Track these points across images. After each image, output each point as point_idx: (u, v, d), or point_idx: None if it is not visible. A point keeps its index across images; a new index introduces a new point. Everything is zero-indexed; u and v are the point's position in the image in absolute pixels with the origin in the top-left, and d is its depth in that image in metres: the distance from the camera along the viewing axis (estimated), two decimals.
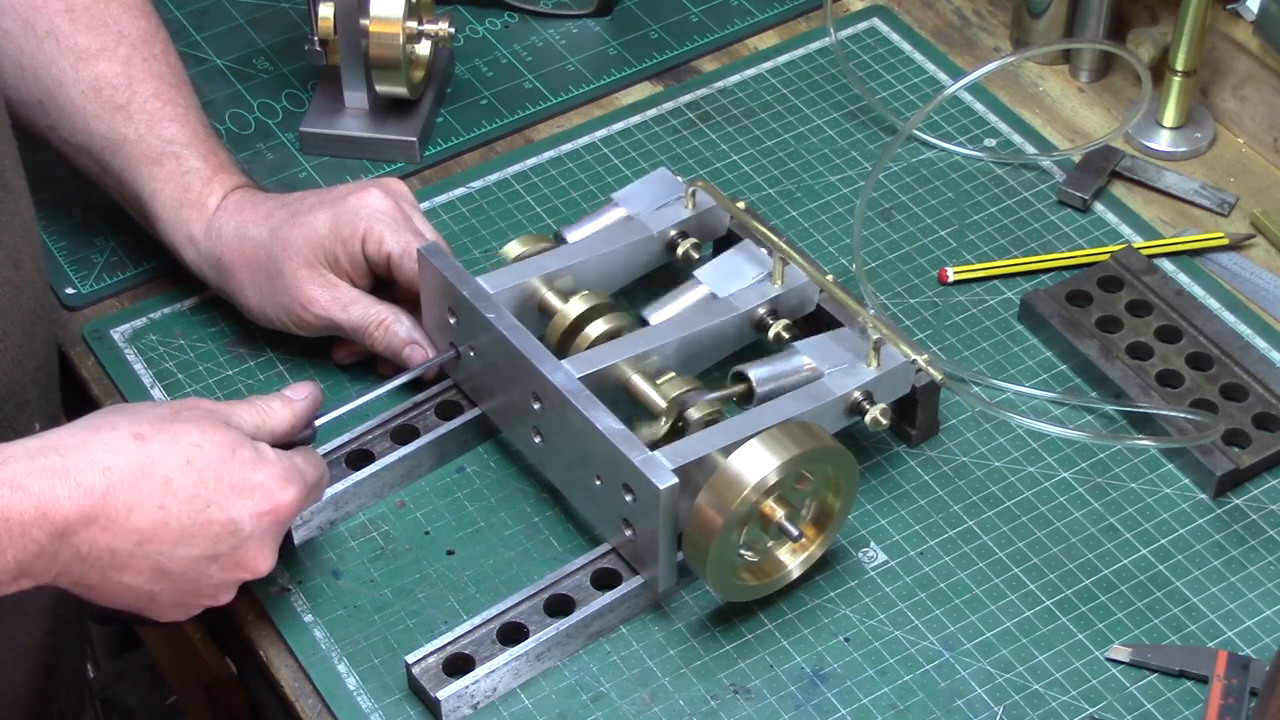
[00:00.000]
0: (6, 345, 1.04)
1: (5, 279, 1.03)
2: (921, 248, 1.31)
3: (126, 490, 0.96)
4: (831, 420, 1.11)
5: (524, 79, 1.44)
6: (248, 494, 1.00)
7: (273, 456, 1.03)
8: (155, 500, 0.97)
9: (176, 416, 1.00)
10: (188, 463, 0.98)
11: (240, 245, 1.19)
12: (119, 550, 0.97)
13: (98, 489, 0.95)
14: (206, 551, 1.00)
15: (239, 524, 1.00)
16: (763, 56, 1.45)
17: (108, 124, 1.21)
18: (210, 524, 0.99)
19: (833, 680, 1.07)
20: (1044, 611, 1.10)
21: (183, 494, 0.98)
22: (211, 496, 0.99)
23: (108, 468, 0.96)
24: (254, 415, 1.05)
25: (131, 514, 0.96)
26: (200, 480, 0.99)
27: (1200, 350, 1.21)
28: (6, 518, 0.92)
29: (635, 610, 1.10)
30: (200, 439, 1.00)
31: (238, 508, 1.00)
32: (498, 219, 1.33)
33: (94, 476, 0.95)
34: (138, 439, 0.98)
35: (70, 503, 0.94)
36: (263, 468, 1.01)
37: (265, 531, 1.02)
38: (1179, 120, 1.37)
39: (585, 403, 1.07)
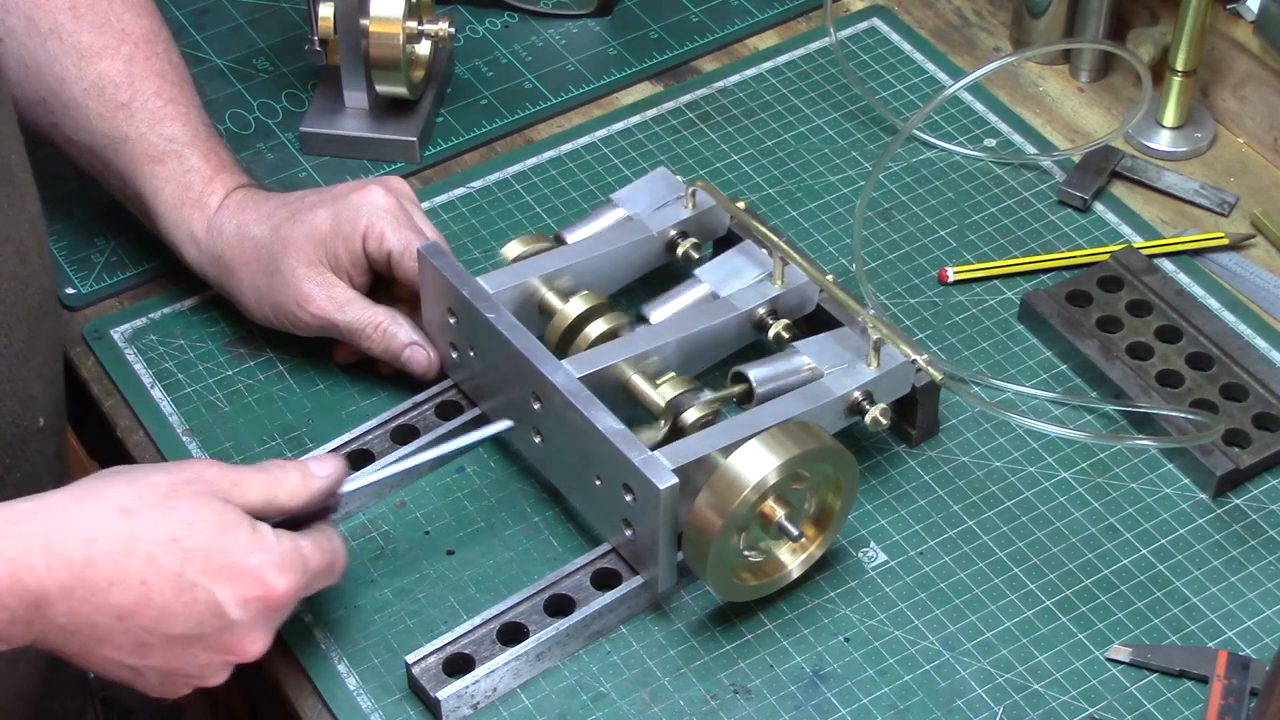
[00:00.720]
0: (12, 340, 1.03)
1: (12, 273, 1.03)
2: (921, 248, 1.31)
3: (107, 564, 0.94)
4: (831, 420, 1.11)
5: (524, 79, 1.44)
6: (236, 578, 0.96)
7: (271, 540, 0.98)
8: (137, 576, 0.94)
9: (173, 491, 0.97)
10: (174, 540, 0.95)
11: (241, 244, 1.19)
12: (99, 624, 0.94)
13: (77, 561, 0.93)
14: (190, 631, 0.96)
15: (224, 608, 0.96)
16: (763, 56, 1.45)
17: (110, 122, 1.21)
18: (194, 604, 0.96)
19: (833, 680, 1.07)
20: (1044, 611, 1.10)
21: (167, 572, 0.95)
22: (196, 577, 0.95)
23: (90, 539, 0.93)
24: (265, 488, 1.00)
25: (112, 589, 0.94)
26: (187, 559, 0.95)
27: (1200, 350, 1.21)
28: None
29: (635, 610, 1.10)
30: (191, 517, 0.96)
31: (224, 591, 0.96)
32: (498, 219, 1.33)
33: (74, 548, 0.93)
34: (124, 513, 0.95)
35: (46, 572, 0.92)
36: (257, 552, 0.97)
37: (254, 618, 0.98)
38: (1179, 120, 1.37)
39: (585, 403, 1.07)
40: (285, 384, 1.23)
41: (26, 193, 1.06)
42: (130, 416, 1.22)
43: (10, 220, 1.03)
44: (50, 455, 1.10)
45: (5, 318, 1.03)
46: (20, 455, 1.06)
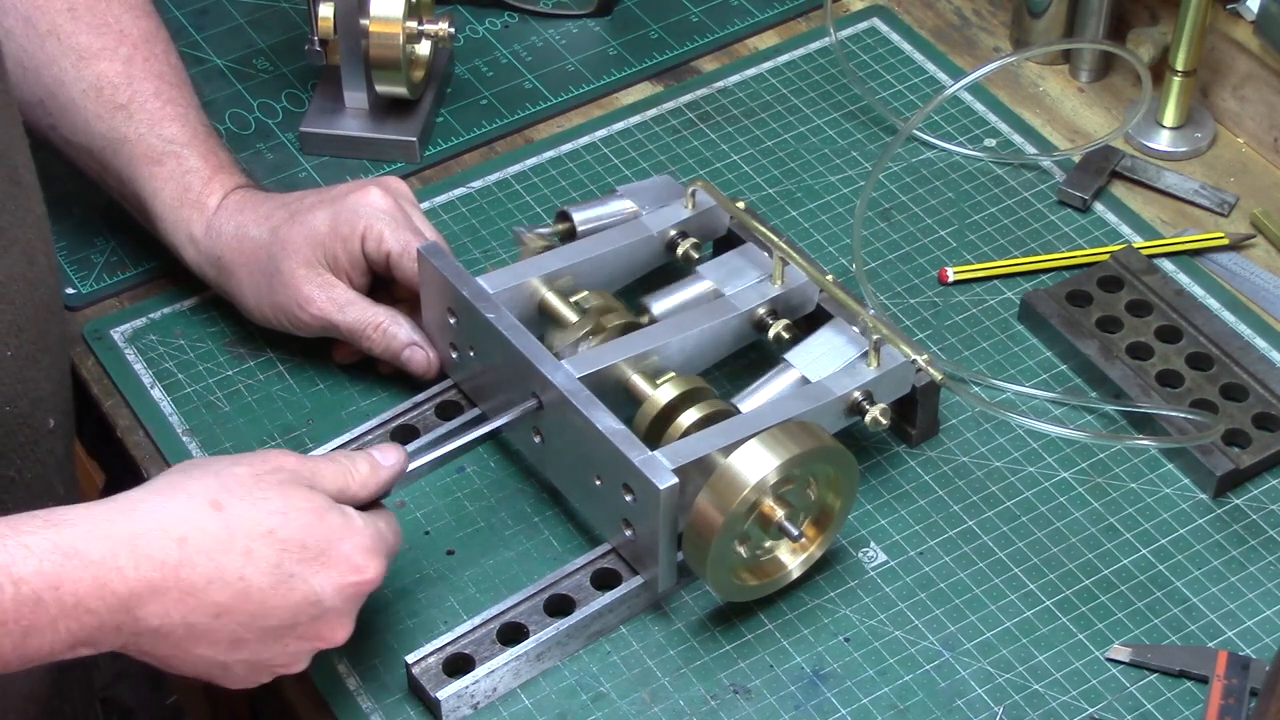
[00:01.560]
0: (22, 341, 1.03)
1: (20, 275, 1.03)
2: (921, 248, 1.31)
3: (204, 562, 0.93)
4: (831, 420, 1.11)
5: (524, 79, 1.44)
6: (332, 565, 0.96)
7: (360, 524, 0.98)
8: (235, 572, 0.93)
9: (259, 481, 0.96)
10: (270, 532, 0.95)
11: (240, 245, 1.19)
12: (196, 624, 0.93)
13: (170, 561, 0.92)
14: (285, 622, 0.96)
15: (321, 596, 0.96)
16: (763, 56, 1.45)
17: (108, 123, 1.21)
18: (292, 594, 0.95)
19: (833, 680, 1.07)
20: (1044, 611, 1.10)
21: (265, 565, 0.94)
22: (294, 568, 0.95)
23: (183, 538, 0.92)
24: (338, 478, 1.00)
25: (209, 586, 0.93)
26: (284, 550, 0.95)
27: (1200, 350, 1.21)
28: (57, 586, 0.89)
29: (635, 610, 1.10)
30: (284, 506, 0.95)
31: (320, 580, 0.96)
32: (498, 219, 1.33)
33: (166, 547, 0.92)
34: (216, 508, 0.94)
35: (136, 573, 0.91)
36: (349, 537, 0.97)
37: (346, 603, 0.98)
38: (1179, 120, 1.37)
39: (585, 403, 1.07)
40: (285, 384, 1.23)
41: (32, 195, 1.06)
42: (130, 416, 1.22)
43: (18, 222, 1.03)
44: (61, 455, 1.10)
45: (15, 319, 1.03)
46: (32, 456, 1.06)
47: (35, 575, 0.88)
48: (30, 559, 0.89)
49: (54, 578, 0.89)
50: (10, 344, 1.02)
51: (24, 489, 1.05)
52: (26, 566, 0.88)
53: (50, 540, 0.90)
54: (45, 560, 0.89)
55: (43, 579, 0.88)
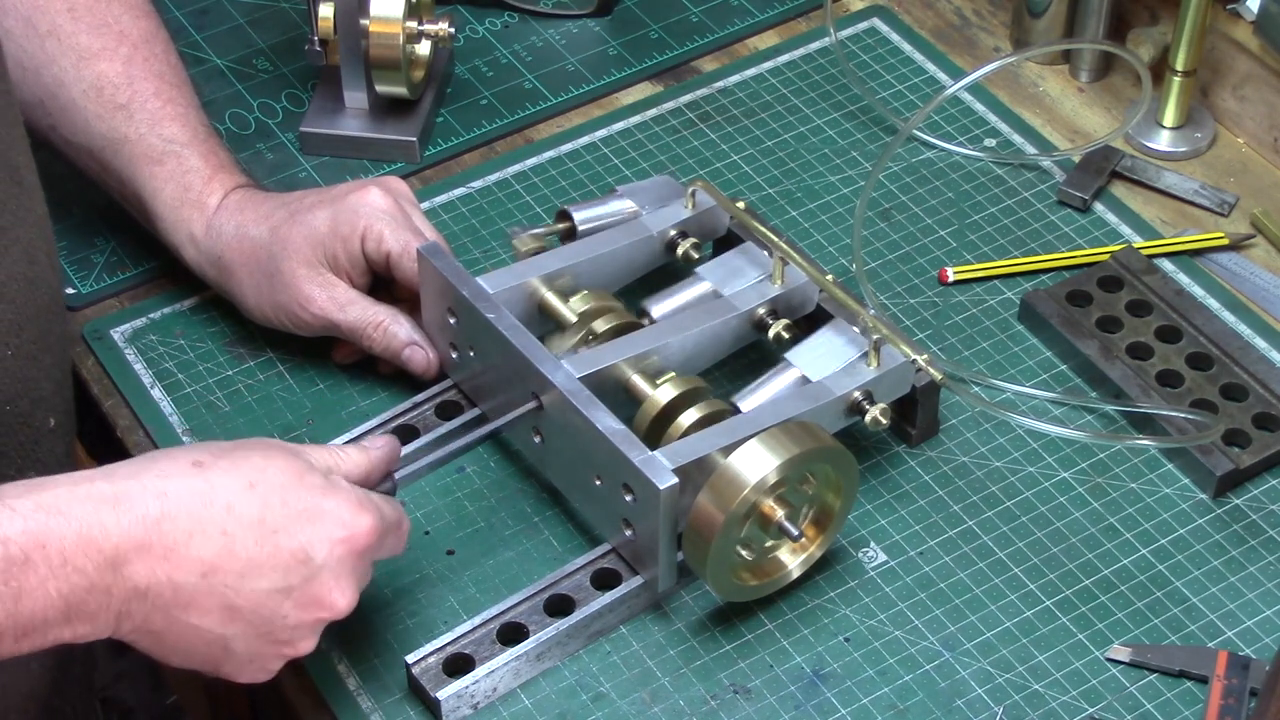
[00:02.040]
0: (22, 340, 1.03)
1: (21, 275, 1.03)
2: (921, 248, 1.31)
3: (185, 517, 0.92)
4: (831, 420, 1.11)
5: (524, 79, 1.44)
6: (317, 519, 0.95)
7: (345, 485, 0.98)
8: (217, 526, 0.92)
9: (239, 446, 0.96)
10: (250, 486, 0.94)
11: (240, 244, 1.19)
12: (182, 584, 0.92)
13: (151, 515, 0.91)
14: (278, 584, 0.94)
15: (310, 552, 0.95)
16: (763, 56, 1.45)
17: (108, 123, 1.21)
18: (279, 551, 0.94)
19: (833, 680, 1.07)
20: (1044, 611, 1.10)
21: (247, 519, 0.93)
22: (278, 522, 0.94)
23: (163, 493, 0.92)
24: (326, 456, 1.00)
25: (192, 541, 0.92)
26: (265, 505, 0.94)
27: (1200, 350, 1.21)
28: (43, 544, 0.88)
29: (635, 610, 1.10)
30: (264, 464, 0.95)
31: (307, 534, 0.95)
32: (498, 219, 1.33)
33: (147, 502, 0.91)
34: (196, 465, 0.94)
35: (119, 529, 0.90)
36: (333, 494, 0.96)
37: (341, 562, 0.96)
38: (1179, 120, 1.37)
39: (585, 403, 1.07)
40: (285, 384, 1.23)
41: (34, 194, 1.06)
42: (130, 416, 1.22)
43: (19, 222, 1.03)
44: (61, 455, 1.10)
45: (15, 319, 1.03)
46: (33, 456, 1.06)
47: (22, 535, 0.88)
48: (15, 519, 0.88)
49: (40, 535, 0.88)
50: (10, 343, 1.02)
51: None
52: (13, 527, 0.88)
53: (34, 500, 0.89)
54: (30, 519, 0.89)
55: (29, 538, 0.88)
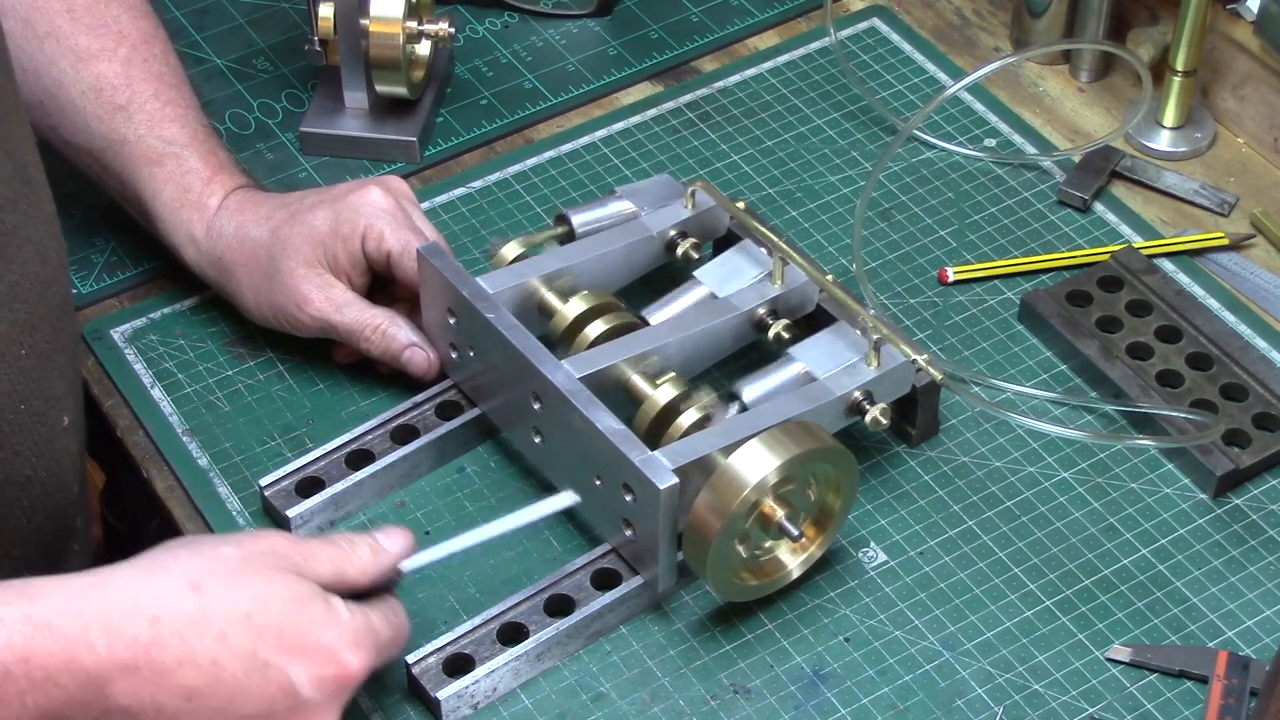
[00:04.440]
0: (36, 340, 1.03)
1: (34, 274, 1.03)
2: (921, 248, 1.31)
3: (176, 644, 0.90)
4: (831, 420, 1.11)
5: (524, 79, 1.44)
6: (310, 656, 0.93)
7: (345, 616, 0.95)
8: (208, 655, 0.91)
9: (244, 564, 0.93)
10: (247, 617, 0.92)
11: (240, 245, 1.19)
12: (165, 706, 0.90)
13: (142, 639, 0.89)
14: (260, 711, 0.93)
15: (298, 688, 0.93)
16: (763, 56, 1.45)
17: (108, 124, 1.21)
18: (267, 684, 0.92)
19: (833, 680, 1.07)
20: (1044, 611, 1.10)
21: (239, 650, 0.91)
22: (270, 656, 0.92)
23: (156, 617, 0.90)
24: (335, 563, 0.97)
25: (181, 668, 0.90)
26: (259, 637, 0.92)
27: (1200, 350, 1.21)
28: (27, 659, 0.86)
29: (635, 610, 1.10)
30: (265, 593, 0.92)
31: (297, 670, 0.93)
32: (498, 219, 1.33)
33: (139, 625, 0.89)
34: (194, 588, 0.91)
35: (108, 651, 0.88)
36: (331, 627, 0.94)
37: (328, 697, 0.94)
38: (1179, 120, 1.37)
39: (585, 403, 1.07)
40: (285, 384, 1.23)
41: (43, 193, 1.06)
42: (130, 416, 1.22)
43: (30, 221, 1.03)
44: (75, 453, 1.10)
45: (29, 318, 1.03)
46: (47, 454, 1.06)
47: (4, 648, 0.86)
48: (1, 630, 0.87)
49: (24, 650, 0.86)
50: (25, 342, 1.02)
51: (39, 487, 1.05)
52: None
53: (23, 612, 0.87)
54: (16, 633, 0.87)
55: (12, 652, 0.86)
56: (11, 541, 1.05)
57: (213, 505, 1.16)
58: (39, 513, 1.06)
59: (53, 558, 1.10)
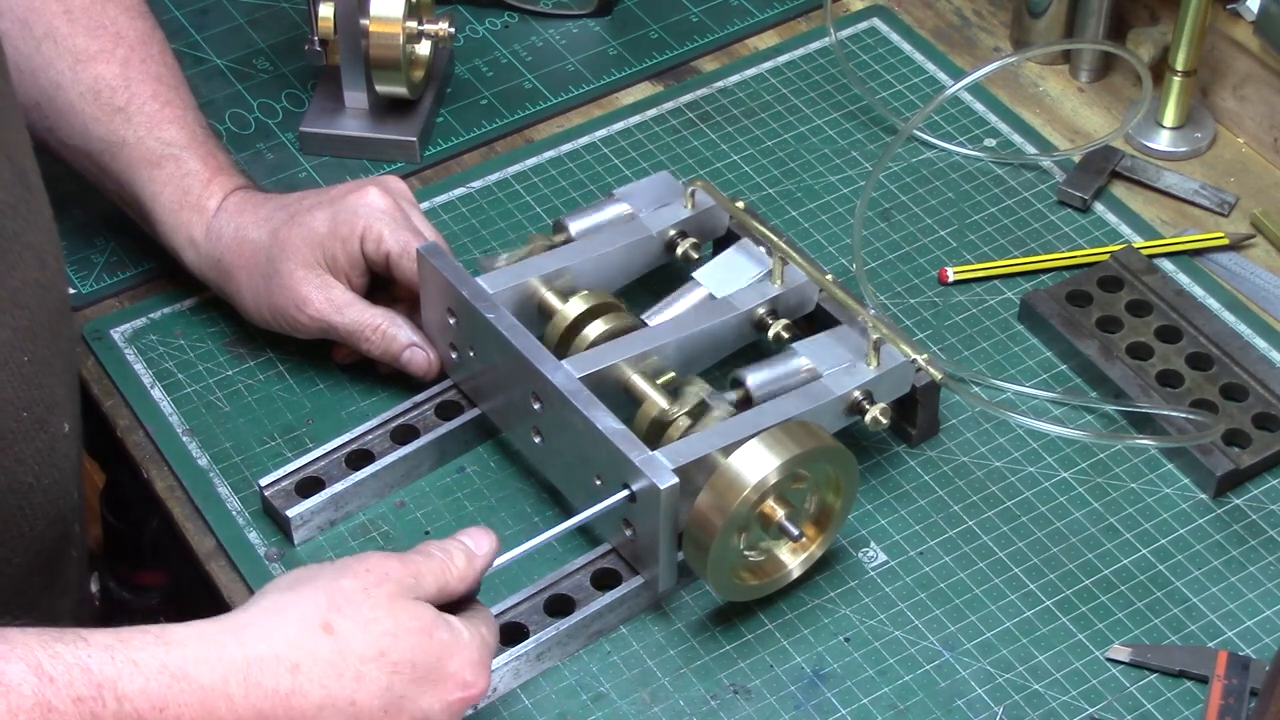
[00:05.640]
0: (37, 347, 1.03)
1: (34, 280, 1.03)
2: (921, 248, 1.31)
3: (316, 690, 0.90)
4: (831, 420, 1.11)
5: (524, 79, 1.44)
6: (441, 684, 0.94)
7: (466, 637, 0.95)
8: (347, 697, 0.91)
9: (368, 597, 0.93)
10: (381, 655, 0.92)
11: (240, 247, 1.19)
12: None
13: (282, 690, 0.89)
14: None
15: (429, 714, 0.94)
16: (763, 56, 1.45)
17: (106, 126, 1.20)
18: (400, 715, 0.92)
19: (833, 680, 1.07)
20: (1044, 611, 1.10)
21: (375, 688, 0.91)
22: (405, 689, 0.92)
23: (296, 666, 0.89)
24: (438, 577, 0.97)
25: (320, 713, 0.90)
26: (395, 672, 0.92)
27: (1200, 350, 1.21)
28: (162, 709, 0.86)
29: (635, 610, 1.10)
30: (394, 627, 0.92)
31: (429, 699, 0.93)
32: (498, 219, 1.33)
33: (279, 676, 0.89)
34: (328, 631, 0.91)
35: (245, 702, 0.88)
36: (459, 653, 0.95)
37: (453, 716, 0.95)
38: (1179, 120, 1.37)
39: (585, 403, 1.07)
40: (285, 384, 1.23)
41: (41, 197, 1.06)
42: (130, 416, 1.22)
43: (30, 226, 1.03)
44: (75, 460, 1.10)
45: (30, 324, 1.02)
46: (48, 461, 1.05)
47: (140, 695, 0.85)
48: (138, 677, 0.86)
49: (160, 699, 0.86)
50: (26, 349, 1.02)
51: (41, 494, 1.05)
52: (133, 684, 0.85)
53: (159, 659, 0.86)
54: (153, 680, 0.86)
55: (148, 700, 0.85)
56: (12, 549, 1.05)
57: (213, 505, 1.16)
58: (40, 520, 1.06)
59: (52, 564, 1.10)
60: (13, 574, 1.05)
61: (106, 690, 0.84)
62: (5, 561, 1.04)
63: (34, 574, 1.07)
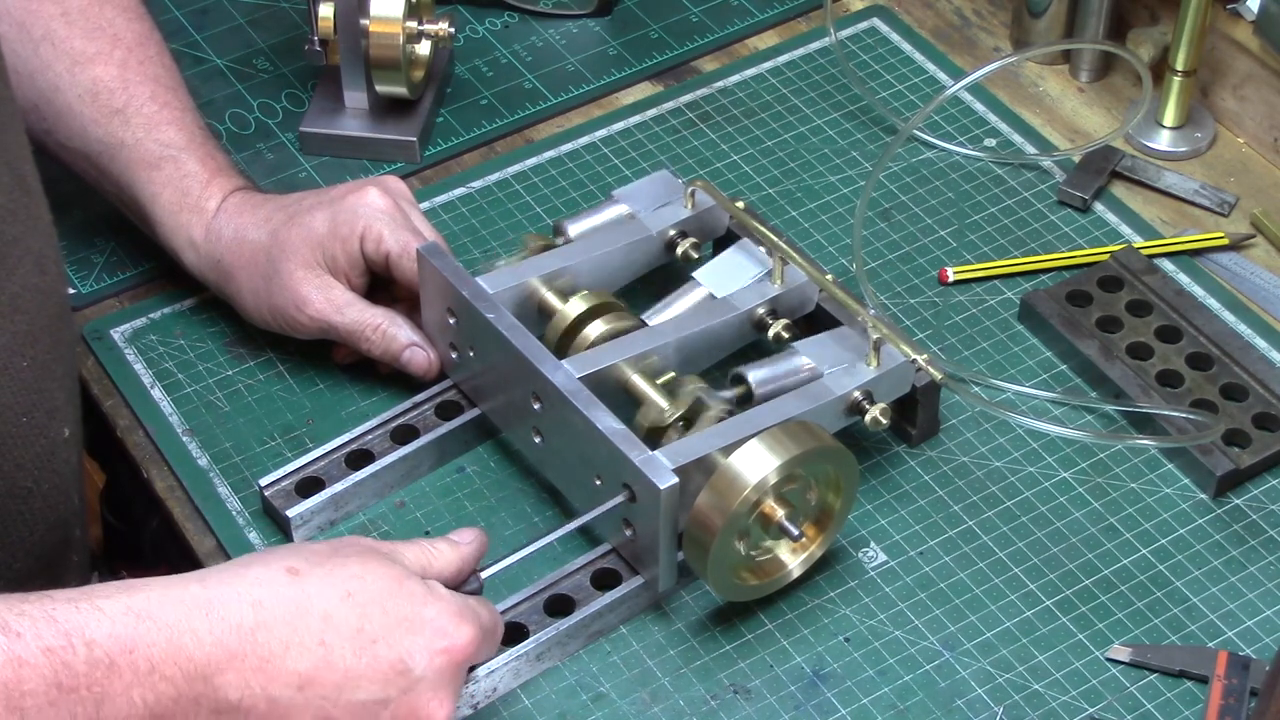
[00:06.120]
0: (37, 351, 1.03)
1: (34, 285, 1.03)
2: (921, 248, 1.31)
3: (281, 627, 0.88)
4: (831, 420, 1.11)
5: (524, 79, 1.44)
6: (418, 629, 0.92)
7: (444, 592, 0.95)
8: (315, 637, 0.89)
9: (335, 552, 0.93)
10: (348, 595, 0.91)
11: (239, 247, 1.19)
12: (277, 698, 0.88)
13: (246, 624, 0.88)
14: (376, 695, 0.91)
15: (409, 663, 0.91)
16: (763, 56, 1.45)
17: (105, 128, 1.20)
18: (377, 662, 0.91)
19: (833, 680, 1.07)
20: (1044, 611, 1.10)
21: (345, 629, 0.90)
22: (377, 632, 0.91)
23: (258, 602, 0.88)
24: (419, 556, 0.97)
25: (288, 652, 0.89)
26: (364, 614, 0.91)
27: (1200, 350, 1.21)
28: (131, 649, 0.85)
29: (635, 610, 1.10)
30: (361, 571, 0.92)
31: (407, 644, 0.91)
32: (498, 219, 1.33)
33: (242, 610, 0.88)
34: (292, 573, 0.90)
35: (212, 637, 0.87)
36: (433, 603, 0.93)
37: (440, 673, 0.93)
38: (1179, 120, 1.37)
39: (585, 403, 1.07)
40: (285, 384, 1.23)
41: (40, 202, 1.06)
42: (130, 416, 1.22)
43: (30, 231, 1.03)
44: (75, 464, 1.10)
45: (29, 329, 1.02)
46: (48, 466, 1.05)
47: (108, 638, 0.85)
48: (103, 621, 0.85)
49: (128, 641, 0.85)
50: (26, 354, 1.02)
51: (41, 499, 1.05)
52: (100, 629, 0.85)
53: (123, 603, 0.86)
54: (118, 622, 0.85)
55: (116, 641, 0.85)
56: (12, 554, 1.05)
57: (213, 505, 1.16)
58: (40, 525, 1.06)
59: (52, 569, 1.10)
60: (12, 579, 1.05)
61: (75, 637, 0.84)
62: (5, 566, 1.04)
63: (34, 579, 1.07)
